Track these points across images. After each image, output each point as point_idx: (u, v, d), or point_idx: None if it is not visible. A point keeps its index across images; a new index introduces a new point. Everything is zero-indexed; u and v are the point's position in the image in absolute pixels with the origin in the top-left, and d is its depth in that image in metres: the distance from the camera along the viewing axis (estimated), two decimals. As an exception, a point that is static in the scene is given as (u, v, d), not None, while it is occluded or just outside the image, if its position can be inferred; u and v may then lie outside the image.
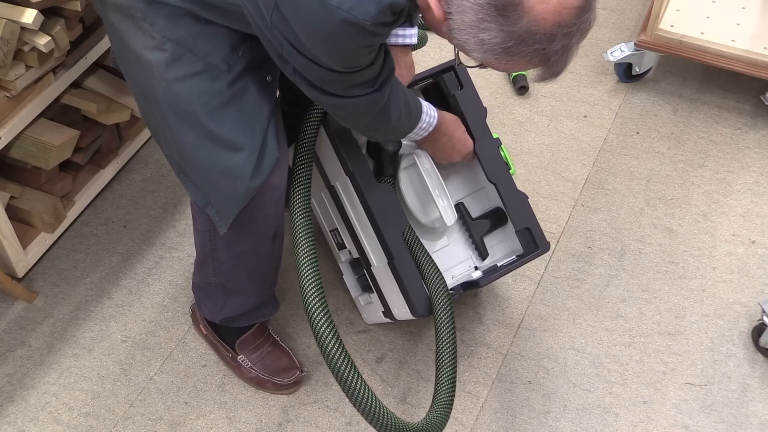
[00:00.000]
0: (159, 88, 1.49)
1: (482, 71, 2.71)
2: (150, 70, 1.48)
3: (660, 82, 2.70)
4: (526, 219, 1.83)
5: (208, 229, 1.73)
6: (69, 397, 1.95)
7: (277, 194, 1.66)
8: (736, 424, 1.94)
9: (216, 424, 1.92)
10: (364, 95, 1.44)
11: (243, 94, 1.52)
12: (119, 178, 2.35)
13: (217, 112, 1.50)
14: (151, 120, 1.61)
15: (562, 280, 2.17)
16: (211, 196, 1.59)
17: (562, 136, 2.54)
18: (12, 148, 1.98)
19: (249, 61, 1.51)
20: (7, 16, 1.72)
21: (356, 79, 1.39)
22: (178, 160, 1.60)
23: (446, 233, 1.90)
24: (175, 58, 1.46)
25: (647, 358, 2.05)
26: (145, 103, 1.57)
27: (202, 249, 1.80)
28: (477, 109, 1.85)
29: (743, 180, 2.42)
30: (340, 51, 1.31)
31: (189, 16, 1.44)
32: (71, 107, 2.10)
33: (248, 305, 1.89)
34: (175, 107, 1.50)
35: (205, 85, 1.48)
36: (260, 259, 1.79)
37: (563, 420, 1.94)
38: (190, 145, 1.53)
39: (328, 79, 1.38)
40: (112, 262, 2.19)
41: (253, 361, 1.95)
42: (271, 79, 1.56)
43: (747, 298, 2.16)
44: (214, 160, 1.53)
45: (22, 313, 2.09)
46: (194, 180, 1.60)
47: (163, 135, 1.59)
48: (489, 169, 1.83)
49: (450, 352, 1.70)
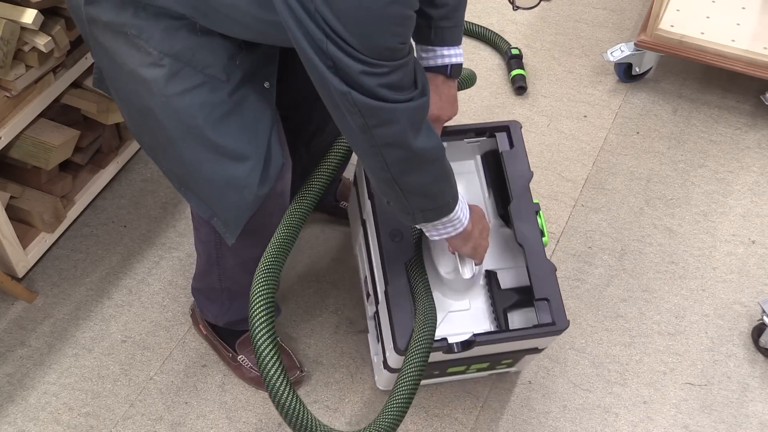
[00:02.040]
0: (158, 105, 1.47)
1: (483, 71, 2.71)
2: (147, 87, 1.46)
3: (660, 82, 2.70)
4: (549, 289, 1.69)
5: (213, 239, 1.72)
6: (69, 397, 1.95)
7: (283, 201, 1.65)
8: (736, 424, 1.94)
9: (216, 424, 1.92)
10: (408, 100, 1.33)
11: (243, 102, 1.50)
12: (119, 178, 2.35)
13: (219, 124, 1.48)
14: (147, 137, 1.58)
15: (562, 280, 2.17)
16: (216, 208, 1.57)
17: (562, 136, 2.54)
18: (12, 148, 1.98)
19: (247, 70, 1.50)
20: (7, 16, 1.72)
21: (394, 76, 1.30)
22: (181, 175, 1.58)
23: (468, 296, 1.78)
24: (174, 73, 1.44)
25: (647, 358, 2.05)
26: (141, 120, 1.54)
27: (207, 258, 1.79)
28: (522, 170, 1.78)
29: (743, 180, 2.42)
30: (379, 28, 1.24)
31: (186, 29, 1.42)
32: (71, 107, 2.10)
33: None
34: (176, 122, 1.48)
35: (206, 98, 1.46)
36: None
37: (563, 420, 1.94)
38: (194, 159, 1.51)
39: (367, 71, 1.28)
40: (112, 262, 2.19)
41: (254, 361, 1.95)
42: (269, 86, 1.55)
43: (747, 298, 2.16)
44: (220, 172, 1.51)
45: (22, 313, 2.09)
46: (197, 193, 1.58)
47: (161, 151, 1.57)
48: (520, 231, 1.73)
49: (407, 391, 1.58)
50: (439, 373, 1.87)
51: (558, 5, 2.96)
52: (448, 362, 1.78)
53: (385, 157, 1.37)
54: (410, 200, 1.47)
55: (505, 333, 1.70)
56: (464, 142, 1.83)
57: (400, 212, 1.52)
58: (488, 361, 1.83)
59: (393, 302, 1.66)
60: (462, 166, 1.87)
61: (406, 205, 1.47)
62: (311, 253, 2.23)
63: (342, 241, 2.25)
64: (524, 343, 1.73)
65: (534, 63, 2.73)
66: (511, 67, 2.66)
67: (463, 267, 1.68)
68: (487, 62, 2.75)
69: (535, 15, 2.91)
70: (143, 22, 1.41)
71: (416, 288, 1.67)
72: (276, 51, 1.54)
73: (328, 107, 1.35)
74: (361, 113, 1.30)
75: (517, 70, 2.64)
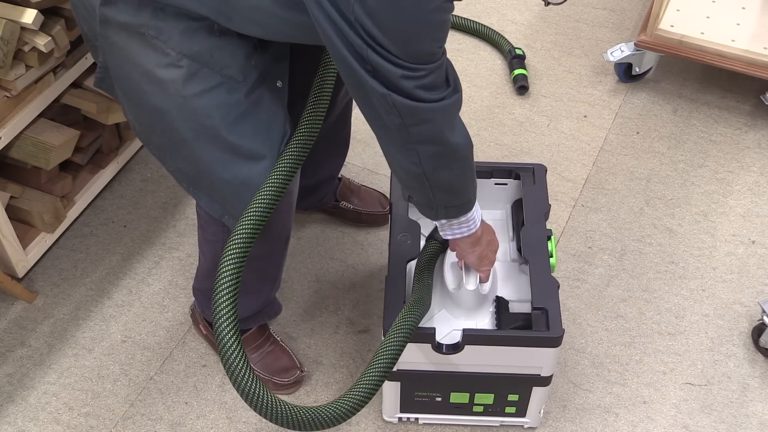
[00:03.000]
0: (174, 106, 1.47)
1: (483, 71, 2.71)
2: (163, 87, 1.45)
3: (660, 82, 2.70)
4: (548, 302, 1.68)
5: (222, 239, 1.71)
6: (69, 397, 1.95)
7: (291, 199, 1.66)
8: (736, 424, 1.94)
9: (216, 424, 1.92)
10: (442, 99, 1.35)
11: (259, 103, 1.51)
12: (119, 178, 2.35)
13: (235, 124, 1.48)
14: (156, 138, 1.57)
15: (562, 280, 2.17)
16: (229, 206, 1.57)
17: (562, 136, 2.54)
18: (12, 148, 1.98)
19: (262, 70, 1.50)
20: (7, 16, 1.72)
21: (430, 78, 1.32)
22: (192, 175, 1.57)
23: (476, 318, 1.78)
24: (192, 74, 1.44)
25: (647, 358, 2.05)
26: (152, 121, 1.53)
27: (213, 257, 1.77)
28: (540, 201, 1.84)
29: (743, 180, 2.42)
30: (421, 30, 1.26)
31: (205, 30, 1.42)
32: (71, 107, 2.10)
33: (256, 307, 1.89)
34: (192, 123, 1.48)
35: (223, 98, 1.46)
36: (272, 262, 1.80)
37: (563, 420, 1.94)
38: (209, 160, 1.51)
39: (407, 75, 1.30)
40: (112, 262, 2.19)
41: (254, 361, 1.95)
42: (282, 84, 1.55)
43: (747, 298, 2.16)
44: (235, 172, 1.51)
45: (22, 313, 2.09)
46: (209, 193, 1.58)
47: (172, 152, 1.56)
48: (527, 247, 1.76)
49: (382, 365, 1.55)
50: (442, 401, 1.84)
51: (558, 5, 2.96)
52: (449, 382, 1.78)
53: (419, 153, 1.41)
54: (437, 196, 1.50)
55: (496, 332, 1.70)
56: (495, 189, 1.90)
57: (424, 207, 1.56)
58: (492, 389, 1.80)
59: (390, 289, 1.70)
60: (493, 215, 1.95)
61: (432, 200, 1.52)
62: (311, 253, 2.23)
63: (342, 241, 2.25)
64: (521, 357, 1.70)
65: (534, 63, 2.73)
66: (513, 67, 2.66)
67: (468, 278, 1.71)
68: (487, 62, 2.75)
69: (535, 15, 2.91)
70: (162, 23, 1.41)
71: (417, 284, 1.69)
72: (287, 49, 1.55)
73: (361, 106, 1.38)
74: (399, 113, 1.33)
75: (519, 69, 2.64)
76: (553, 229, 1.82)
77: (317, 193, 2.18)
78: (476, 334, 1.68)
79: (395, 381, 1.78)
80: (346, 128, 2.11)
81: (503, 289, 1.81)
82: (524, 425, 1.91)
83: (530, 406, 1.84)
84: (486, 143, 2.50)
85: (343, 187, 2.25)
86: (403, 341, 1.56)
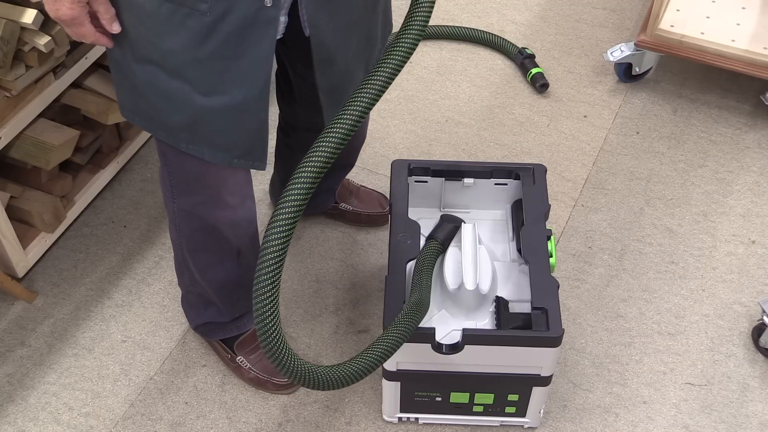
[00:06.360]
0: (155, 37, 1.35)
1: (483, 71, 2.71)
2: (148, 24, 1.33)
3: (660, 82, 2.70)
4: (548, 301, 1.68)
5: (176, 238, 1.77)
6: (69, 397, 1.95)
7: (232, 214, 1.66)
8: (736, 424, 1.94)
9: (216, 424, 1.92)
10: None
11: (247, 29, 1.35)
12: (119, 178, 2.36)
13: (221, 50, 1.36)
14: (143, 103, 1.47)
15: (561, 280, 2.17)
16: (238, 143, 1.47)
17: (562, 136, 2.54)
18: (12, 148, 1.98)
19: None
20: (7, 16, 1.72)
21: None
22: (188, 125, 1.46)
23: (476, 318, 1.78)
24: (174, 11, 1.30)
25: (647, 358, 2.05)
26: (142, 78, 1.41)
27: (176, 258, 1.84)
28: (539, 201, 1.84)
29: (743, 180, 2.43)
30: None
31: None
32: (71, 107, 2.10)
33: (223, 318, 1.92)
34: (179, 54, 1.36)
35: (199, 28, 1.33)
36: (227, 274, 1.80)
37: (563, 420, 1.94)
38: (205, 90, 1.40)
39: None
40: (112, 262, 2.20)
41: (252, 361, 1.95)
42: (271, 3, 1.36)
43: (747, 298, 2.16)
44: (237, 98, 1.41)
45: (22, 313, 2.09)
46: (210, 140, 1.47)
47: (166, 111, 1.45)
48: (527, 247, 1.76)
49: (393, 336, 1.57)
50: (442, 401, 1.84)
51: (558, 5, 2.96)
52: (449, 382, 1.78)
53: None
54: None
55: (496, 332, 1.70)
56: (495, 189, 1.91)
57: None
58: (492, 389, 1.80)
59: (389, 288, 1.71)
60: (493, 215, 1.96)
61: None
62: (311, 253, 2.23)
63: (342, 242, 2.25)
64: (521, 357, 1.70)
65: (534, 63, 2.74)
66: (527, 67, 2.66)
67: (466, 277, 1.72)
68: (487, 62, 2.75)
69: (535, 15, 2.91)
70: None
71: (417, 281, 1.70)
72: None
73: None
74: None
75: (534, 68, 2.64)
76: (552, 229, 1.82)
77: (313, 201, 2.16)
78: (476, 334, 1.68)
79: (395, 381, 1.78)
80: (359, 137, 2.04)
81: (503, 289, 1.81)
82: (524, 425, 1.91)
83: (530, 406, 1.84)
84: (486, 143, 2.50)
85: (342, 189, 2.24)
86: (424, 306, 1.61)
